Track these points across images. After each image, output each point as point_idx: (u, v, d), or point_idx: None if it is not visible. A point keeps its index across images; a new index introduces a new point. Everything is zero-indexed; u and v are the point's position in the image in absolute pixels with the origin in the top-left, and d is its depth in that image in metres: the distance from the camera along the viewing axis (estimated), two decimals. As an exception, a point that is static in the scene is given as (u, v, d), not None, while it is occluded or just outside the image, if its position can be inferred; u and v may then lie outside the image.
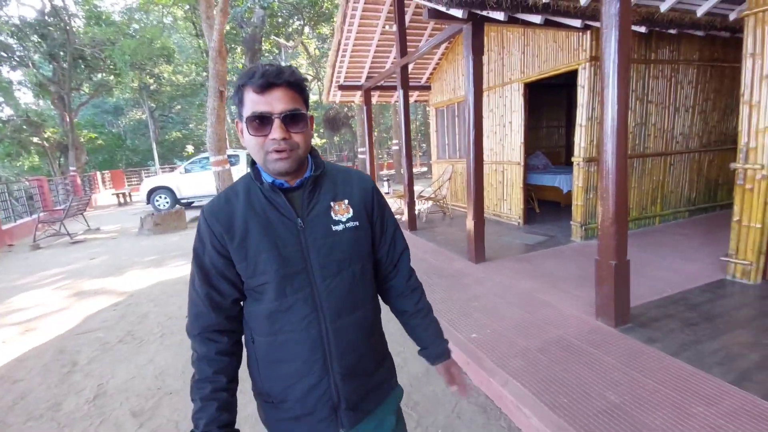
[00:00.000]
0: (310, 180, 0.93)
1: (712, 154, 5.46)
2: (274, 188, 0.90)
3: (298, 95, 0.86)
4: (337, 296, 0.92)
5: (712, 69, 5.20)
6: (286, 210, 0.90)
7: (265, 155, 0.85)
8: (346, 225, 0.94)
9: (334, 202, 0.95)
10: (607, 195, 2.58)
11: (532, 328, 2.76)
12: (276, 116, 0.82)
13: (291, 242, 0.89)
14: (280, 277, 0.88)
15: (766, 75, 2.90)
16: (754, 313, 2.69)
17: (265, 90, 0.82)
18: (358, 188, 1.00)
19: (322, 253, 0.91)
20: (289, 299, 0.89)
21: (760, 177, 3.00)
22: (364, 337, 0.98)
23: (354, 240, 0.95)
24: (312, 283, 0.90)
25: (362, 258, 0.98)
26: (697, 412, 1.81)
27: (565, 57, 4.75)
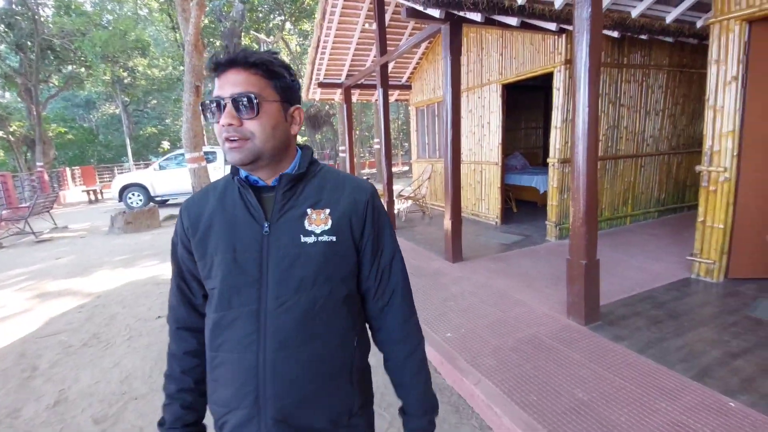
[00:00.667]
0: (286, 180, 0.81)
1: (680, 157, 5.66)
2: (243, 184, 0.81)
3: (259, 78, 0.75)
4: (288, 320, 0.77)
5: (680, 74, 5.38)
6: (255, 210, 0.80)
7: (223, 144, 0.77)
8: (319, 238, 0.80)
9: (313, 209, 0.81)
10: (578, 196, 2.63)
11: (506, 326, 2.79)
12: (225, 100, 0.74)
13: (251, 248, 0.78)
14: (227, 285, 0.78)
15: (729, 81, 3.02)
16: (716, 310, 2.80)
17: (219, 73, 0.76)
18: (348, 198, 0.84)
19: (281, 265, 0.78)
20: (233, 312, 0.78)
21: (723, 179, 3.12)
22: (317, 380, 0.80)
23: (325, 257, 0.80)
24: (262, 298, 0.78)
25: (332, 281, 0.81)
26: (661, 407, 1.86)
27: (541, 59, 4.82)
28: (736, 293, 3.03)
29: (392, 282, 0.90)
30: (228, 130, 0.74)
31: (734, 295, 3.00)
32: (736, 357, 2.22)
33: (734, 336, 2.43)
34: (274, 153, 0.79)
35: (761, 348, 2.28)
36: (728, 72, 3.01)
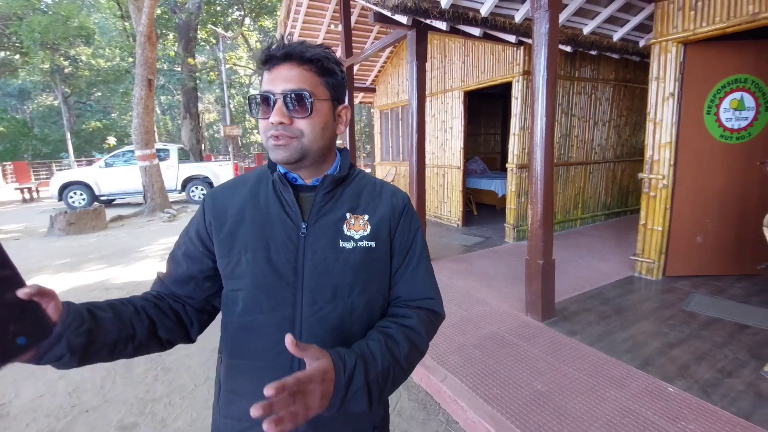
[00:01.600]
0: (329, 181, 0.78)
1: (624, 165, 6.13)
2: (283, 181, 0.76)
3: (313, 75, 0.72)
4: (325, 329, 0.74)
5: (625, 88, 5.84)
6: (292, 209, 0.76)
7: (267, 141, 0.73)
8: (358, 244, 0.76)
9: (352, 214, 0.78)
10: (536, 199, 2.79)
11: (469, 325, 2.89)
12: (276, 96, 0.70)
13: (286, 248, 0.74)
14: (259, 286, 0.73)
15: (667, 97, 3.33)
16: (656, 305, 3.07)
17: (271, 66, 0.71)
18: (386, 205, 0.82)
19: (318, 270, 0.74)
20: (263, 317, 0.73)
21: (662, 186, 3.43)
22: None
23: (364, 264, 0.77)
24: (297, 304, 0.73)
25: (370, 290, 0.78)
26: (610, 395, 2.02)
27: (501, 69, 5.05)
28: (672, 290, 3.33)
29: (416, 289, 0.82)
30: (277, 127, 0.71)
31: (671, 291, 3.31)
32: (673, 347, 2.45)
33: (671, 328, 2.69)
34: (320, 154, 0.76)
35: (694, 338, 2.54)
36: (666, 88, 3.32)
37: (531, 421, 1.86)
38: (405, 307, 0.81)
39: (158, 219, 8.61)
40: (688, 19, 3.14)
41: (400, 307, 0.82)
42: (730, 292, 3.22)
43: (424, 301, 0.82)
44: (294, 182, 0.79)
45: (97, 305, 0.69)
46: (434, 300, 0.83)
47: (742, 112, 3.27)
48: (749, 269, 3.49)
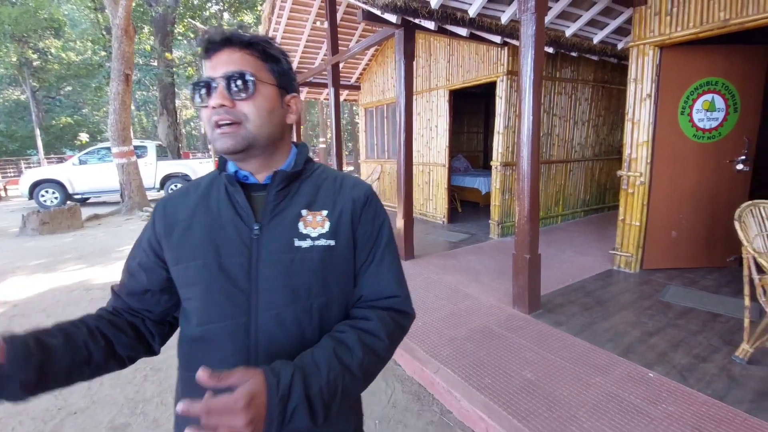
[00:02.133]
0: (281, 177, 0.73)
1: (602, 163, 6.34)
2: (231, 181, 0.73)
3: (255, 59, 0.70)
4: (281, 335, 0.69)
5: (603, 89, 6.04)
6: (243, 210, 0.72)
7: (211, 132, 0.69)
8: (316, 242, 0.71)
9: (308, 211, 0.73)
10: (523, 196, 2.88)
11: (458, 318, 2.96)
12: (217, 80, 0.67)
13: (238, 252, 0.70)
14: (211, 294, 0.69)
15: (644, 98, 3.48)
16: (635, 297, 3.21)
17: (211, 53, 0.69)
18: (346, 198, 0.76)
19: (273, 272, 0.69)
20: (214, 327, 0.68)
21: (639, 183, 3.59)
22: None
23: (323, 264, 0.71)
24: (252, 310, 0.68)
25: (331, 290, 0.73)
26: (595, 381, 2.12)
27: (485, 69, 5.15)
28: (649, 282, 3.50)
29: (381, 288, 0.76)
30: (218, 112, 0.67)
31: (648, 283, 3.47)
32: (651, 335, 2.58)
33: (649, 318, 2.82)
34: (268, 142, 0.72)
35: (671, 327, 2.68)
36: (644, 90, 3.47)
37: (522, 408, 1.94)
38: (367, 308, 0.74)
39: (137, 218, 8.39)
40: (664, 23, 3.29)
41: (362, 308, 0.75)
42: (703, 283, 3.40)
43: (389, 300, 0.75)
44: (245, 181, 0.75)
45: (46, 332, 0.65)
46: (399, 298, 0.76)
47: (713, 113, 3.45)
48: (720, 262, 3.70)
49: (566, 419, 1.85)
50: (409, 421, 2.09)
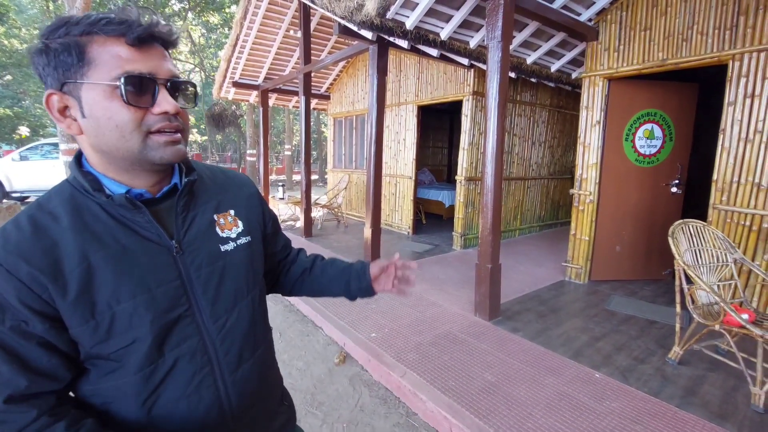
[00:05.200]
0: (188, 188, 0.70)
1: (556, 181, 6.79)
2: (133, 203, 0.63)
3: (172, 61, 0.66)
4: (236, 337, 0.71)
5: (558, 113, 6.51)
6: (152, 231, 0.64)
7: (143, 138, 0.60)
8: (237, 242, 0.74)
9: (218, 214, 0.73)
10: (486, 209, 3.07)
11: (424, 325, 3.08)
12: (162, 81, 0.61)
13: (166, 276, 0.64)
14: (158, 329, 0.62)
15: (594, 124, 3.82)
16: (584, 305, 3.48)
17: (144, 44, 0.60)
18: (243, 194, 0.81)
19: (211, 284, 0.69)
20: (168, 358, 0.64)
21: (589, 201, 3.92)
22: (266, 377, 0.79)
23: (249, 260, 0.76)
24: (201, 327, 0.67)
25: (259, 279, 0.79)
26: (549, 382, 2.29)
27: (453, 88, 5.41)
28: (596, 292, 3.80)
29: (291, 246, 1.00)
30: (169, 118, 0.62)
31: (595, 293, 3.77)
32: (598, 340, 2.82)
33: (596, 324, 3.08)
34: None
35: (614, 333, 2.94)
36: (594, 117, 3.82)
37: (483, 408, 2.07)
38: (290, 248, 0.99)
39: (86, 219, 7.87)
40: (612, 58, 3.67)
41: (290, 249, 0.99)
42: (642, 293, 3.75)
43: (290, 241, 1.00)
44: (140, 199, 0.66)
45: None
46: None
47: (653, 141, 3.85)
48: (657, 275, 4.09)
49: (523, 417, 2.00)
50: (376, 424, 2.16)
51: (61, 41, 0.57)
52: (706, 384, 2.29)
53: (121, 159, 0.62)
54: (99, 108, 0.58)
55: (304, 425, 2.13)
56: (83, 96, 0.58)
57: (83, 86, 0.58)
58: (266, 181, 7.80)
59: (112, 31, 0.58)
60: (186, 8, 17.90)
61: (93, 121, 0.59)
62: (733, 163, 3.02)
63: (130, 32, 0.58)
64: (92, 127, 0.60)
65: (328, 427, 2.13)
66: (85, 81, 0.58)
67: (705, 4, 3.11)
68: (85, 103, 0.59)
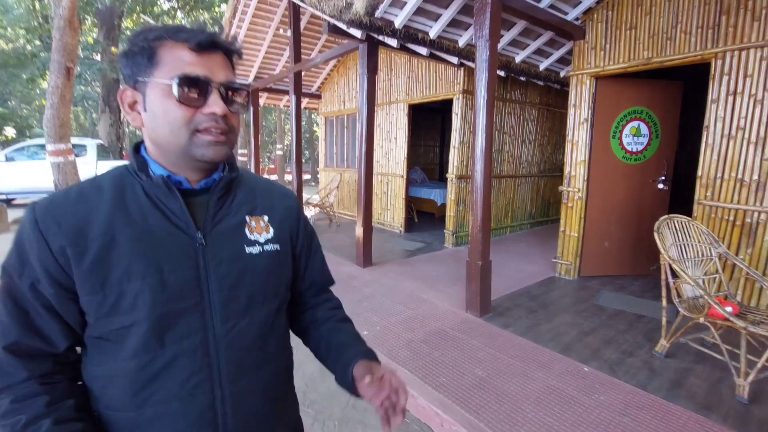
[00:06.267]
0: (224, 182, 0.71)
1: (546, 179, 6.86)
2: (169, 186, 0.65)
3: (233, 69, 0.70)
4: (242, 346, 0.68)
5: (547, 111, 6.57)
6: (181, 218, 0.66)
7: (190, 135, 0.63)
8: (264, 248, 0.73)
9: (251, 216, 0.73)
10: (476, 207, 3.09)
11: (415, 322, 3.09)
12: (216, 85, 0.63)
13: (183, 265, 0.64)
14: (158, 316, 0.61)
15: (582, 122, 3.87)
16: (573, 301, 3.53)
17: (205, 50, 0.63)
18: (282, 204, 0.80)
19: (227, 283, 0.67)
20: (168, 351, 0.62)
21: (578, 198, 3.96)
22: (274, 403, 0.75)
23: (272, 269, 0.74)
24: (208, 326, 0.65)
25: (280, 293, 0.77)
26: (539, 376, 2.32)
27: (443, 87, 5.44)
28: (585, 287, 3.85)
29: (325, 278, 0.92)
30: (216, 119, 0.64)
31: (584, 289, 3.82)
32: (587, 335, 2.86)
33: (585, 319, 3.12)
34: None
35: (603, 327, 2.98)
36: (582, 114, 3.86)
37: (474, 403, 2.09)
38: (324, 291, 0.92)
39: (74, 221, 7.77)
40: (599, 57, 3.71)
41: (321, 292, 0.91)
42: (630, 288, 3.81)
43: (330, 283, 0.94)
44: (179, 187, 0.67)
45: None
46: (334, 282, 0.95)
47: (639, 138, 3.91)
48: (644, 270, 4.15)
49: (513, 411, 2.02)
50: (368, 421, 2.16)
51: (139, 45, 0.63)
52: (692, 376, 2.34)
53: (170, 152, 0.66)
54: (157, 104, 0.63)
55: (296, 423, 2.13)
56: (147, 92, 0.63)
57: (148, 84, 0.63)
58: (257, 181, 7.75)
59: (179, 37, 0.63)
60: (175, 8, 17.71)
61: (151, 115, 0.64)
62: (716, 160, 3.08)
63: (193, 38, 0.63)
64: (150, 120, 0.64)
65: (319, 425, 2.13)
66: (150, 79, 0.62)
67: (688, 3, 3.17)
68: (147, 99, 0.63)
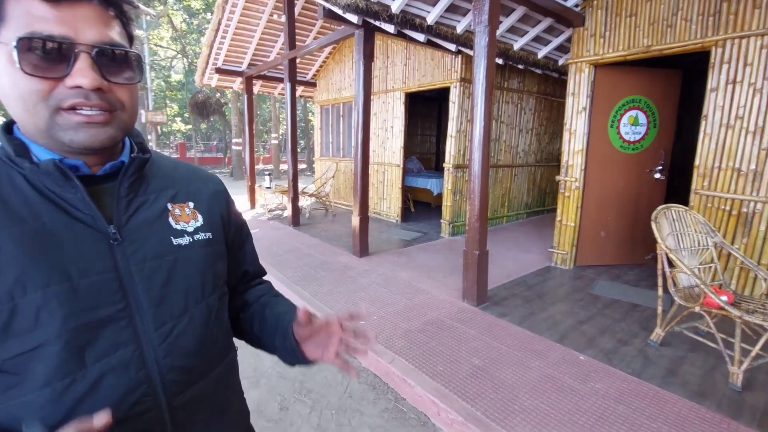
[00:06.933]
0: (135, 165, 0.58)
1: (543, 169, 6.84)
2: (64, 172, 0.51)
3: (120, 25, 0.53)
4: (185, 350, 0.58)
5: (545, 101, 6.52)
6: (85, 211, 0.53)
7: (52, 114, 0.49)
8: (195, 237, 0.62)
9: (173, 204, 0.63)
10: (473, 196, 3.07)
11: (412, 312, 3.09)
12: (84, 48, 0.48)
13: (97, 267, 0.52)
14: (73, 330, 0.48)
15: (580, 110, 3.84)
16: (569, 290, 3.54)
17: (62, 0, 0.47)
18: (207, 189, 0.70)
19: (155, 281, 0.56)
20: (90, 371, 0.50)
21: (575, 187, 3.95)
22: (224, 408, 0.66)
23: (208, 259, 0.64)
24: (140, 334, 0.54)
25: (219, 285, 0.67)
26: (535, 365, 2.33)
27: (440, 75, 5.37)
28: (581, 277, 3.86)
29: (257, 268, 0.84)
30: (89, 95, 0.49)
31: (580, 278, 3.83)
32: (582, 323, 2.88)
33: (581, 308, 3.14)
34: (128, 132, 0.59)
35: (599, 316, 3.00)
36: (580, 103, 3.83)
37: (471, 391, 2.09)
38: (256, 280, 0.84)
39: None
40: (598, 44, 3.67)
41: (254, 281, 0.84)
42: (626, 278, 3.82)
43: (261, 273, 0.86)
44: (76, 173, 0.53)
45: None
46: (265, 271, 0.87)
47: (637, 127, 3.89)
48: (640, 259, 4.17)
49: (510, 399, 2.03)
50: (365, 409, 2.17)
51: None
52: (687, 364, 2.36)
53: (34, 135, 0.52)
54: (4, 73, 0.48)
55: (293, 413, 2.14)
56: None
57: None
58: (252, 170, 7.68)
59: None
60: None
61: (0, 88, 0.49)
62: (714, 149, 3.07)
63: None
64: (2, 96, 0.50)
65: (316, 414, 2.14)
66: None
67: (690, -11, 3.12)
68: None
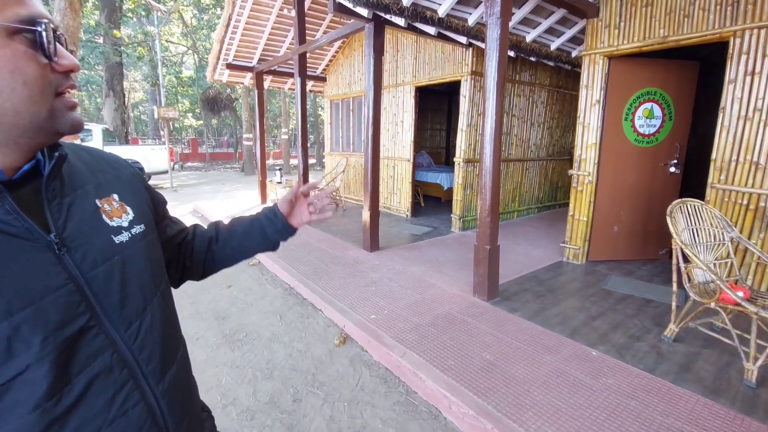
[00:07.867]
0: (61, 163, 0.54)
1: (555, 163, 6.76)
2: None
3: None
4: (156, 341, 0.60)
5: (557, 93, 6.43)
6: (16, 225, 0.47)
7: (53, 101, 0.48)
8: (132, 232, 0.61)
9: (100, 199, 0.59)
10: (485, 190, 3.06)
11: (423, 306, 3.10)
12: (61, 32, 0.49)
13: (52, 282, 0.49)
14: (55, 351, 0.47)
15: (594, 103, 3.78)
16: (581, 285, 3.51)
17: None
18: (123, 176, 0.67)
19: (113, 284, 0.55)
20: (77, 384, 0.50)
21: (588, 182, 3.91)
22: (189, 381, 0.71)
23: (148, 251, 0.63)
24: (114, 337, 0.54)
25: (163, 273, 0.68)
26: (546, 360, 2.33)
27: (450, 68, 5.32)
28: (593, 272, 3.83)
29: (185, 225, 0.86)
30: (71, 78, 0.50)
31: (592, 273, 3.80)
32: (594, 319, 2.86)
33: (593, 304, 3.11)
34: None
35: (611, 312, 2.98)
36: (593, 96, 3.77)
37: (482, 386, 2.10)
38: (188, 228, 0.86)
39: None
40: (612, 36, 3.60)
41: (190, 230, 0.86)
42: (639, 273, 3.78)
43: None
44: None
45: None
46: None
47: (652, 120, 3.82)
48: (653, 254, 4.12)
49: (521, 394, 2.03)
50: (377, 402, 2.20)
51: None
52: (701, 360, 2.33)
53: (12, 127, 0.46)
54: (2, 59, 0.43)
55: (306, 404, 2.17)
56: None
57: None
58: (263, 165, 7.74)
59: None
60: (177, -12, 17.39)
61: None
62: (732, 142, 3.00)
63: None
64: None
65: (329, 406, 2.17)
66: None
67: (709, -23, 3.03)
68: None
